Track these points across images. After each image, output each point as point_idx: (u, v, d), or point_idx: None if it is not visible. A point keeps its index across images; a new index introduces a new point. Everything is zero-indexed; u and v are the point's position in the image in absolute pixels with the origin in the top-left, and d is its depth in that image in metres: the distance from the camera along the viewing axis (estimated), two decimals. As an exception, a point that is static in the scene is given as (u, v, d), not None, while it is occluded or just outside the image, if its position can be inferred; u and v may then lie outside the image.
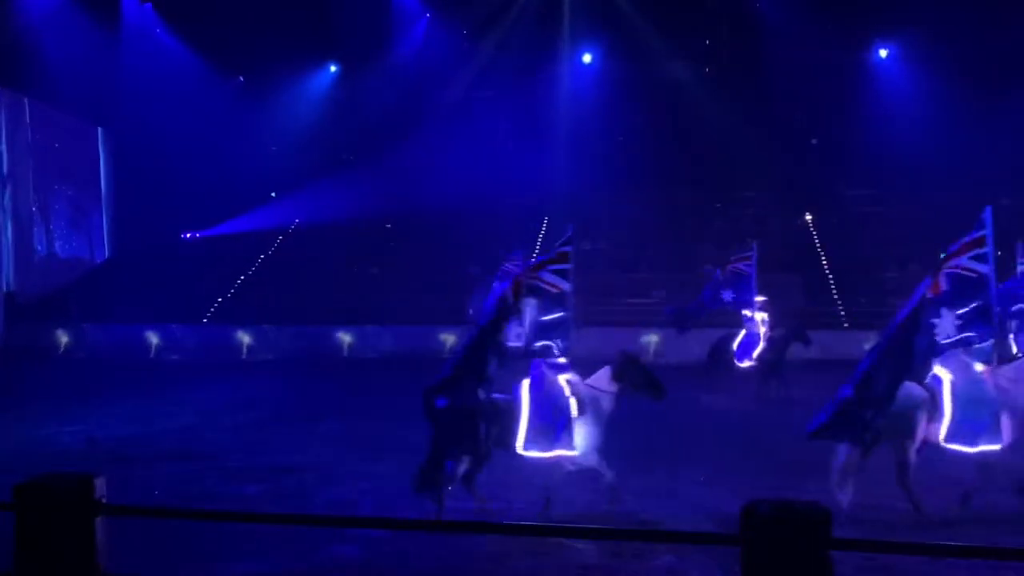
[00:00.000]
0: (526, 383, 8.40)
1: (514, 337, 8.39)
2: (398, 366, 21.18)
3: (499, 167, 29.20)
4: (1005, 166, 26.55)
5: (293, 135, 32.10)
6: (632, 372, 8.50)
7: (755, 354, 15.97)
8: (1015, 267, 14.09)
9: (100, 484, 4.19)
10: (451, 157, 30.12)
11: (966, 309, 8.03)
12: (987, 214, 8.33)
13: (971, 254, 8.20)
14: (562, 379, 8.38)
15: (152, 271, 27.08)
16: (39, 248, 28.20)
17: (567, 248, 8.53)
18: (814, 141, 32.00)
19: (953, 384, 8.23)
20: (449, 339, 23.51)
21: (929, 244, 26.82)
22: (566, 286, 8.36)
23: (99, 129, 30.86)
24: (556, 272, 8.45)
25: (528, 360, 8.45)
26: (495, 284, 18.12)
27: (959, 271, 8.19)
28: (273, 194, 32.35)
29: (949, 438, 8.17)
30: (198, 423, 13.42)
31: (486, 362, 7.81)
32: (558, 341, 8.40)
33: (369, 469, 10.15)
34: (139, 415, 14.03)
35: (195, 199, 29.46)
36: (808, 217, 29.79)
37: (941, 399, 8.23)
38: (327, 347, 23.68)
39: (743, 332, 16.29)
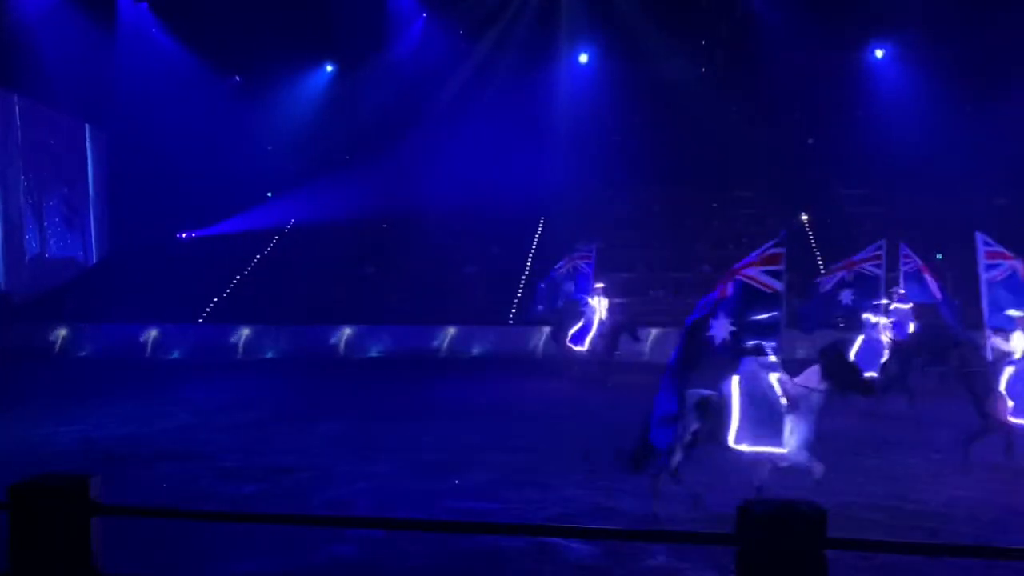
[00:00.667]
0: (736, 380, 8.54)
1: (723, 333, 8.47)
2: (394, 366, 21.20)
3: (495, 167, 29.18)
4: (1000, 166, 26.63)
5: (289, 135, 32.08)
6: (840, 371, 8.53)
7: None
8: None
9: (96, 484, 4.19)
10: (447, 157, 30.12)
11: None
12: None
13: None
14: (772, 377, 8.51)
15: (148, 271, 27.04)
16: (32, 248, 28.12)
17: (780, 250, 8.61)
18: (810, 141, 32.03)
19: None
20: (446, 339, 23.58)
21: (925, 244, 26.97)
22: (779, 286, 8.48)
23: (86, 126, 30.45)
24: (769, 273, 8.56)
25: (736, 357, 8.58)
26: (556, 278, 18.66)
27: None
28: (269, 194, 32.34)
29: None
30: (194, 423, 13.40)
31: (695, 357, 8.08)
32: (770, 340, 8.48)
33: (366, 469, 10.15)
34: (135, 415, 14.01)
35: (191, 199, 29.43)
36: (804, 217, 29.83)
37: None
38: (323, 347, 23.66)
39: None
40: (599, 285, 17.99)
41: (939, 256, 26.49)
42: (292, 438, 12.12)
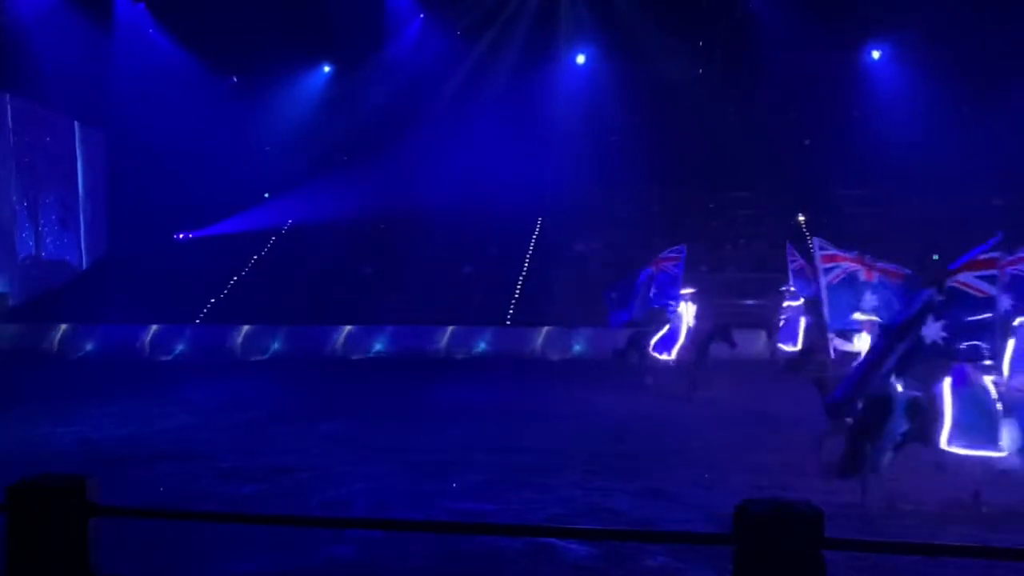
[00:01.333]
0: (947, 381, 8.56)
1: (934, 335, 8.51)
2: (392, 366, 21.21)
3: (493, 167, 29.21)
4: (997, 167, 26.67)
5: (287, 135, 32.09)
6: None
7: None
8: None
9: (93, 485, 4.19)
10: (445, 157, 30.15)
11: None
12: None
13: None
14: (987, 380, 8.51)
15: (146, 271, 27.05)
16: (28, 249, 28.09)
17: (995, 255, 8.60)
18: (807, 142, 32.07)
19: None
20: (444, 339, 23.58)
21: (922, 244, 27.01)
22: (994, 291, 8.44)
23: (75, 124, 30.18)
24: (983, 278, 8.56)
25: (947, 359, 8.63)
26: (638, 285, 17.41)
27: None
28: (267, 194, 32.34)
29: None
30: (193, 423, 13.40)
31: (906, 357, 8.22)
32: (984, 342, 8.45)
33: (365, 469, 10.15)
34: (134, 415, 14.01)
35: (188, 199, 29.44)
36: (801, 217, 29.86)
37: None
38: (321, 347, 23.68)
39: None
40: (689, 290, 16.40)
41: (935, 257, 26.52)
42: (291, 438, 12.12)
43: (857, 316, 9.93)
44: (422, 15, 32.82)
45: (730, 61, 31.71)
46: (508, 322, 24.46)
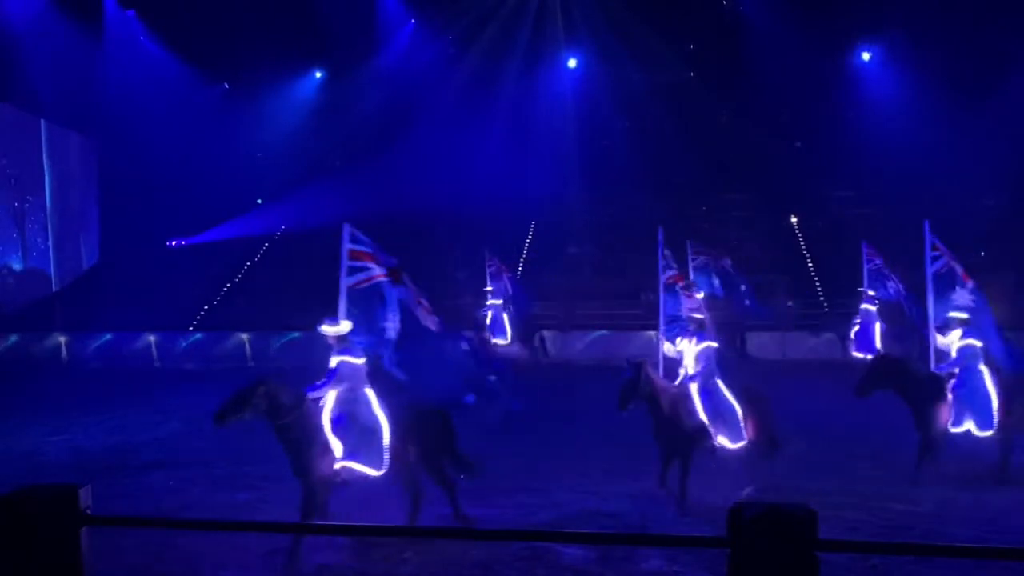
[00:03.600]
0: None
1: None
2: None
3: (485, 172, 29.22)
4: (988, 167, 26.76)
5: (278, 141, 32.04)
6: None
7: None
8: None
9: (86, 494, 4.17)
10: (437, 162, 30.14)
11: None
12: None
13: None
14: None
15: (138, 279, 26.95)
16: (18, 258, 27.94)
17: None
18: (799, 144, 32.17)
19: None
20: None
21: (915, 245, 27.09)
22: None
23: (41, 121, 29.10)
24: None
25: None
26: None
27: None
28: (259, 200, 32.28)
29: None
30: (186, 431, 13.33)
31: None
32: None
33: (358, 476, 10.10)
34: (126, 424, 13.95)
35: (181, 206, 29.36)
36: (793, 219, 29.94)
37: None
38: (315, 353, 23.58)
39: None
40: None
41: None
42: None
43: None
44: (413, 21, 32.83)
45: (721, 64, 31.79)
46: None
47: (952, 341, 9.99)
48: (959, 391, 9.70)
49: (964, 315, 10.15)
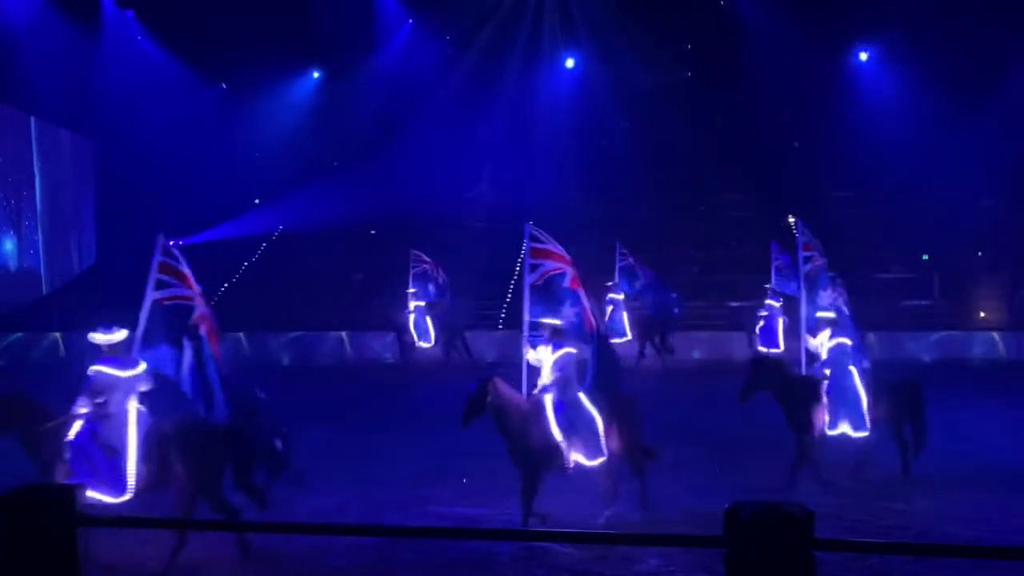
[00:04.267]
0: None
1: None
2: (383, 372, 21.15)
3: (483, 172, 29.21)
4: (987, 167, 26.79)
5: (276, 141, 32.01)
6: None
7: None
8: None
9: (82, 494, 4.17)
10: (435, 162, 30.11)
11: None
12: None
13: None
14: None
15: (136, 279, 26.88)
16: (13, 258, 27.87)
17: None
18: (797, 144, 32.18)
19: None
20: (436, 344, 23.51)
21: (911, 245, 27.13)
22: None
23: (31, 118, 28.70)
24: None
25: None
26: None
27: None
28: (257, 201, 32.24)
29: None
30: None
31: None
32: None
33: (355, 476, 10.11)
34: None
35: (178, 206, 29.31)
36: (791, 219, 29.93)
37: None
38: (312, 353, 23.60)
39: None
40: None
41: (925, 257, 26.65)
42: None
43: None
44: (411, 21, 32.82)
45: (719, 64, 31.81)
46: (500, 327, 24.45)
47: (822, 342, 9.90)
48: (833, 392, 9.59)
49: (831, 314, 10.10)
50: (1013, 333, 23.02)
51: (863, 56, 31.93)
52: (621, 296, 20.32)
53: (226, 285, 27.93)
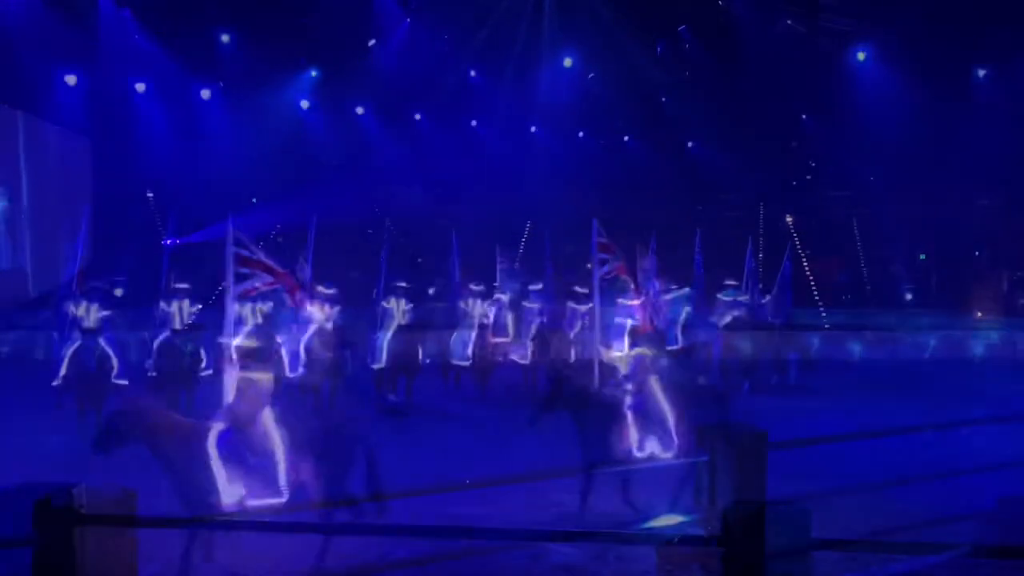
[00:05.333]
0: None
1: None
2: (381, 371, 21.06)
3: (480, 171, 29.20)
4: (983, 167, 26.83)
5: (273, 141, 31.98)
6: None
7: None
8: None
9: (80, 493, 4.17)
10: (432, 162, 30.12)
11: None
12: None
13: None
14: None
15: (133, 278, 26.85)
16: (6, 257, 27.77)
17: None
18: (794, 144, 32.21)
19: None
20: (435, 343, 23.47)
21: (908, 245, 27.18)
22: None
23: (18, 113, 27.96)
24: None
25: None
26: None
27: None
28: (254, 199, 32.22)
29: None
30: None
31: None
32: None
33: (355, 475, 10.09)
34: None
35: (175, 205, 29.29)
36: (788, 219, 29.98)
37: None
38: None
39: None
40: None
41: (922, 257, 26.69)
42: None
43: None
44: (408, 20, 32.78)
45: (716, 64, 31.82)
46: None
47: (621, 354, 9.17)
48: (638, 411, 8.65)
49: (632, 321, 9.61)
50: (1011, 332, 23.07)
51: (860, 55, 31.95)
52: (507, 296, 20.65)
53: (224, 284, 27.92)
